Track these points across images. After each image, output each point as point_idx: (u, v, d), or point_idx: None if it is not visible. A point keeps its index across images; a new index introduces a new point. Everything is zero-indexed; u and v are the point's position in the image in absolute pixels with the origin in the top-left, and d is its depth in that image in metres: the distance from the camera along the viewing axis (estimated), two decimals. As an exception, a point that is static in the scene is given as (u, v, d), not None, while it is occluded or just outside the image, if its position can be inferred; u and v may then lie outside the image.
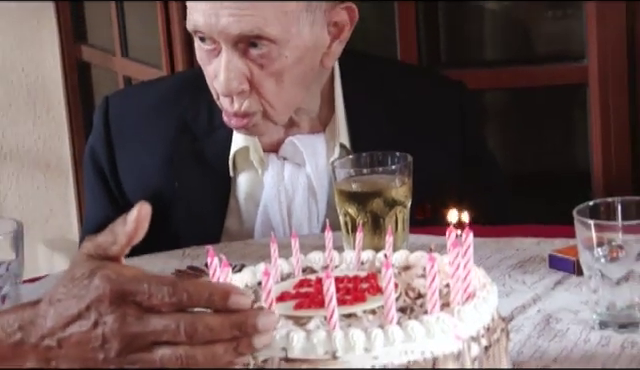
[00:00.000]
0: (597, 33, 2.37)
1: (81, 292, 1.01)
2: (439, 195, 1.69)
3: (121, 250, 1.07)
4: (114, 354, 1.00)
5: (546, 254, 1.53)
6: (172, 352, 1.00)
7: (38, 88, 3.14)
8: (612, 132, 2.33)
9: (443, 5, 2.68)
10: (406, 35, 2.52)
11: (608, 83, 2.36)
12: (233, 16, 1.68)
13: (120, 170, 1.91)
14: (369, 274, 1.17)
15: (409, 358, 1.04)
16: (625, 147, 2.36)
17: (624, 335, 1.30)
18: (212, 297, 1.00)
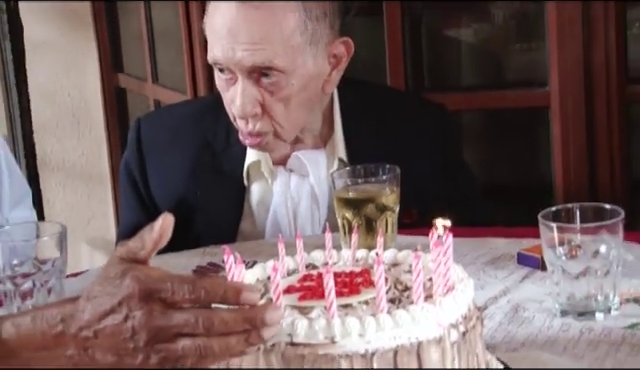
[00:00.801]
0: (558, 63, 2.37)
1: (114, 290, 1.03)
2: (423, 202, 1.69)
3: (148, 254, 1.08)
4: (142, 344, 1.01)
5: (515, 252, 1.53)
6: (192, 342, 1.01)
7: (81, 110, 3.14)
8: (571, 148, 2.33)
9: (426, 38, 2.68)
10: (394, 63, 2.52)
11: (567, 106, 2.36)
12: (247, 50, 1.69)
13: (150, 181, 1.91)
14: (363, 270, 1.17)
15: (397, 342, 1.03)
16: (582, 161, 2.36)
17: (582, 322, 1.30)
18: (226, 294, 1.02)
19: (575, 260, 1.30)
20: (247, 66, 1.70)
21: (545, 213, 1.32)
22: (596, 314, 1.30)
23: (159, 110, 2.68)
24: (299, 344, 1.03)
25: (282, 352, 1.04)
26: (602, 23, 2.33)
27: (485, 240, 1.61)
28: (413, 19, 2.60)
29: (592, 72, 2.34)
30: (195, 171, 1.88)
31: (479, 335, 1.11)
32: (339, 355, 1.03)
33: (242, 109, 1.72)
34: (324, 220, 1.80)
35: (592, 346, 1.23)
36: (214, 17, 1.74)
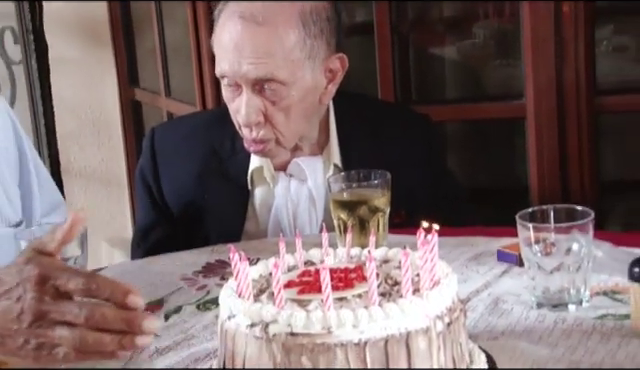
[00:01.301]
0: (533, 78, 2.37)
1: (17, 273, 1.04)
2: (411, 204, 1.69)
3: (56, 247, 1.08)
4: (25, 326, 1.02)
5: (495, 250, 1.52)
6: (69, 332, 1.02)
7: (101, 121, 3.13)
8: (544, 155, 2.33)
9: (413, 55, 2.68)
10: (384, 78, 2.52)
11: (541, 117, 2.36)
12: (251, 64, 1.69)
13: (163, 185, 1.91)
14: (357, 266, 1.16)
15: (388, 332, 1.03)
16: (555, 166, 2.36)
17: (556, 313, 1.30)
18: (114, 292, 1.03)
19: (549, 257, 1.29)
20: (252, 78, 1.71)
21: (522, 214, 1.32)
22: (569, 306, 1.30)
23: (171, 121, 2.68)
24: (298, 334, 1.03)
25: (282, 342, 1.03)
26: (573, 42, 2.33)
27: (467, 239, 1.61)
28: (401, 38, 2.59)
29: (564, 86, 2.34)
30: (203, 176, 1.88)
31: (462, 325, 1.11)
32: (335, 344, 1.02)
33: (247, 118, 1.73)
34: (321, 221, 1.79)
35: (565, 335, 1.23)
36: (222, 34, 1.74)
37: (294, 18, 1.71)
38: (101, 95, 3.08)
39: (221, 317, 1.11)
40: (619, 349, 1.18)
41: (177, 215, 1.89)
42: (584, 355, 1.17)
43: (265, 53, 1.70)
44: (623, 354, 1.17)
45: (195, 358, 1.26)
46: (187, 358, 1.26)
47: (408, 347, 1.04)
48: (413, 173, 1.81)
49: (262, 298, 1.11)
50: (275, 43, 1.70)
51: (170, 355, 1.28)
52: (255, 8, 1.71)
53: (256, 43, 1.70)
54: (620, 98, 2.45)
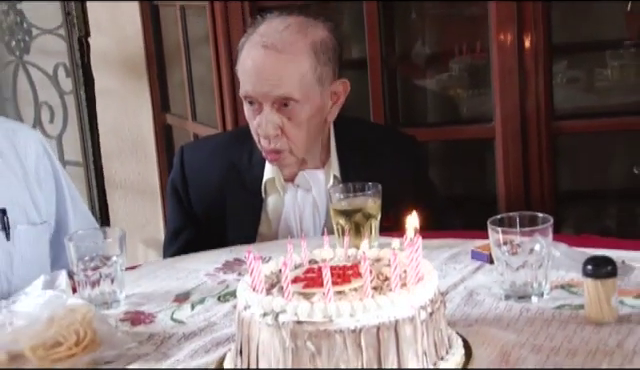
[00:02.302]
0: (500, 105, 2.37)
1: None
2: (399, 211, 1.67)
3: None
4: None
5: (469, 250, 1.52)
6: None
7: (138, 142, 3.13)
8: (510, 169, 2.33)
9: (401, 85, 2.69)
10: (376, 103, 2.52)
11: (508, 138, 2.37)
12: (272, 85, 1.71)
13: (190, 194, 1.91)
14: (353, 264, 1.15)
15: (379, 321, 1.03)
16: (519, 179, 2.36)
17: (521, 304, 1.29)
18: None
19: (516, 256, 1.29)
20: (271, 97, 1.72)
21: (492, 220, 1.31)
22: (532, 298, 1.29)
23: (197, 140, 2.68)
24: (303, 322, 1.03)
25: (290, 329, 1.03)
26: (534, 75, 2.34)
27: (446, 241, 1.60)
28: (390, 71, 2.59)
29: (526, 112, 2.34)
30: (224, 186, 1.87)
31: (442, 314, 1.10)
32: (334, 331, 1.02)
33: (266, 131, 1.74)
34: (323, 225, 1.79)
35: (529, 322, 1.22)
36: (246, 61, 1.76)
37: (307, 48, 1.73)
38: (138, 119, 3.07)
39: (238, 307, 1.11)
40: (575, 335, 1.17)
41: (202, 220, 1.88)
42: (545, 340, 1.17)
43: (283, 76, 1.71)
44: (578, 339, 1.16)
45: (216, 342, 1.25)
46: (209, 342, 1.25)
47: (397, 333, 1.03)
48: (401, 185, 1.80)
49: (273, 291, 1.11)
50: (292, 68, 1.71)
51: (195, 339, 1.27)
52: (275, 39, 1.73)
53: (276, 68, 1.72)
54: (574, 122, 2.46)
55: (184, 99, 2.94)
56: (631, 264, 1.35)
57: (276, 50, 1.72)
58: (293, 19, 1.79)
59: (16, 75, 3.14)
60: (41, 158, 1.71)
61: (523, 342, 1.16)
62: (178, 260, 1.65)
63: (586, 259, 1.22)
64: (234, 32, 2.47)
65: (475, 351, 1.13)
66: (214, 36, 2.60)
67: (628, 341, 1.14)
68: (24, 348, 1.22)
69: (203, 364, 1.18)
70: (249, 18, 2.38)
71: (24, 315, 1.31)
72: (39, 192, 1.68)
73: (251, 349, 1.08)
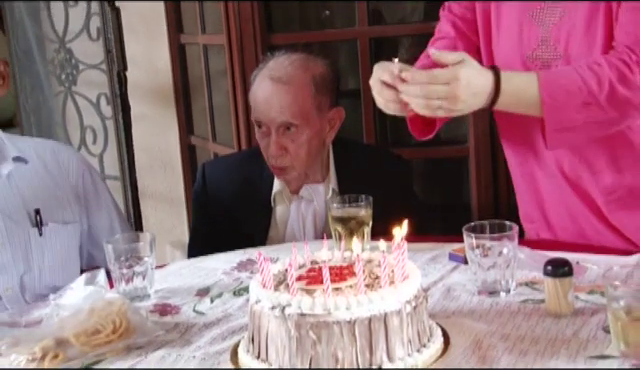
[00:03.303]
0: (473, 128, 2.37)
1: None
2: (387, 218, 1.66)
3: None
4: None
5: (447, 252, 1.50)
6: None
7: (167, 159, 3.12)
8: (482, 183, 2.31)
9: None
10: (368, 127, 2.52)
11: (479, 156, 2.36)
12: (277, 113, 1.72)
13: (211, 204, 1.90)
14: (348, 265, 1.15)
15: (371, 313, 1.02)
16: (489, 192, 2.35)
17: (492, 298, 1.28)
18: None
19: (486, 258, 1.28)
20: (278, 122, 1.72)
21: (467, 227, 1.30)
22: (501, 293, 1.28)
23: (217, 158, 2.67)
24: (306, 314, 1.02)
25: (295, 320, 1.02)
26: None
27: (427, 244, 1.58)
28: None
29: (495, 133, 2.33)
30: (239, 197, 1.86)
31: (424, 308, 1.10)
32: (332, 322, 1.01)
33: (273, 151, 1.74)
34: (323, 231, 1.78)
35: (498, 314, 1.21)
36: (257, 91, 1.76)
37: (308, 81, 1.74)
38: (167, 140, 3.07)
39: (251, 301, 1.10)
40: (537, 325, 1.16)
41: (220, 226, 1.87)
42: (512, 329, 1.15)
43: (288, 105, 1.71)
44: (540, 329, 1.15)
45: (232, 330, 1.24)
46: (226, 331, 1.24)
47: (386, 324, 1.03)
48: (389, 196, 1.78)
49: (280, 288, 1.10)
50: (295, 98, 1.72)
51: (214, 328, 1.25)
52: (281, 73, 1.74)
53: (281, 98, 1.72)
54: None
55: (205, 123, 2.94)
56: (584, 265, 1.34)
57: (282, 82, 1.72)
58: (297, 56, 1.79)
59: (65, 103, 3.14)
60: (81, 172, 1.72)
61: (493, 331, 1.15)
62: (199, 260, 1.64)
63: (546, 261, 1.21)
64: (248, 66, 2.47)
65: (452, 339, 1.12)
66: (231, 70, 2.60)
67: (583, 331, 1.13)
68: (69, 335, 1.21)
69: (220, 349, 1.17)
70: (260, 55, 2.38)
71: (69, 307, 1.30)
72: (73, 199, 1.68)
73: (261, 337, 1.07)
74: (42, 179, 1.64)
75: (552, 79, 1.29)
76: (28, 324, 1.29)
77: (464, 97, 1.21)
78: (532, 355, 1.07)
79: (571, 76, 1.28)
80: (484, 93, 1.25)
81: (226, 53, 2.60)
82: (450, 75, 1.20)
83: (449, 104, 1.20)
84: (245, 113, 2.52)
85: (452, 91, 1.20)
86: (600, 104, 1.26)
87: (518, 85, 1.29)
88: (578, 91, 1.26)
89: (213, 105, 2.90)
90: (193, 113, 3.06)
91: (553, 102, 1.26)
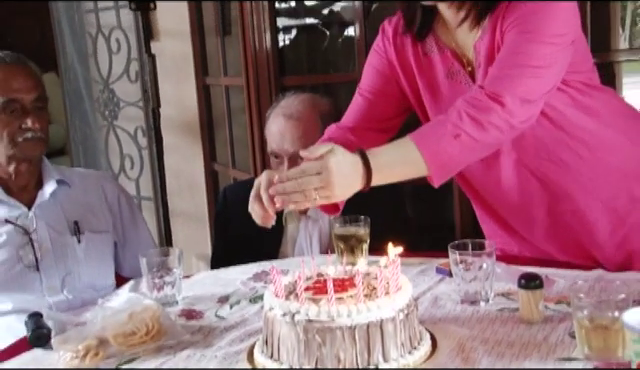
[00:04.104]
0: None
1: None
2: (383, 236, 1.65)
3: None
4: None
5: (434, 266, 1.48)
6: None
7: (193, 183, 3.12)
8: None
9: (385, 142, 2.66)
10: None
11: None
12: (289, 145, 1.71)
13: (231, 223, 1.89)
14: (349, 277, 1.14)
15: (369, 320, 1.01)
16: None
17: (473, 307, 1.26)
18: None
19: (468, 272, 1.26)
20: (290, 153, 1.71)
21: (452, 244, 1.29)
22: (481, 302, 1.26)
23: (236, 183, 2.67)
24: (313, 320, 1.01)
25: (303, 325, 1.01)
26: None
27: (417, 259, 1.56)
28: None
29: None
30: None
31: (415, 315, 1.08)
32: (335, 327, 1.00)
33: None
34: (327, 247, 1.76)
35: (479, 321, 1.20)
36: (272, 126, 1.76)
37: (315, 117, 1.73)
38: (193, 167, 3.07)
39: (265, 308, 1.09)
40: (512, 330, 1.15)
41: (238, 242, 1.86)
42: (491, 334, 1.14)
43: (298, 138, 1.71)
44: (515, 334, 1.14)
45: (249, 333, 1.22)
46: (243, 333, 1.23)
47: (382, 329, 1.02)
48: (385, 216, 1.77)
49: (290, 297, 1.08)
50: (305, 131, 1.71)
51: (233, 331, 1.24)
52: (292, 110, 1.73)
53: (293, 132, 1.71)
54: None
55: (226, 152, 2.94)
56: (553, 278, 1.33)
57: (293, 119, 1.72)
58: (305, 95, 1.79)
59: (108, 135, 3.16)
60: (117, 195, 1.75)
61: (475, 336, 1.13)
62: (220, 271, 1.63)
63: (520, 275, 1.20)
64: (263, 104, 2.47)
65: (439, 342, 1.11)
66: (249, 107, 2.60)
67: (552, 336, 1.12)
68: (108, 336, 1.20)
69: (239, 350, 1.16)
70: (274, 95, 2.39)
71: (111, 310, 1.29)
72: (107, 213, 1.70)
73: (274, 340, 1.06)
74: (81, 198, 1.67)
75: (420, 133, 1.20)
76: (77, 324, 1.29)
77: (337, 182, 1.12)
78: (508, 357, 1.06)
79: (434, 122, 1.22)
80: (356, 174, 1.15)
81: (245, 93, 2.61)
82: (319, 165, 1.12)
83: (325, 191, 1.12)
84: (260, 144, 2.52)
85: (325, 179, 1.11)
86: (466, 132, 1.17)
87: (388, 155, 1.20)
88: (444, 128, 1.18)
89: (233, 137, 2.91)
90: (216, 143, 3.07)
91: (430, 151, 1.18)
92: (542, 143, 1.33)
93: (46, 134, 1.56)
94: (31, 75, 1.56)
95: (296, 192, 1.12)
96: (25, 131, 1.51)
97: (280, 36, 2.61)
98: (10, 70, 1.53)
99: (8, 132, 1.51)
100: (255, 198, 1.24)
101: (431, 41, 1.37)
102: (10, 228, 1.54)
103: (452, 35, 1.34)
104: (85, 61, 3.23)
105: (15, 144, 1.52)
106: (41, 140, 1.55)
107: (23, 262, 1.53)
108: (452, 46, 1.35)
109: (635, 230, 1.36)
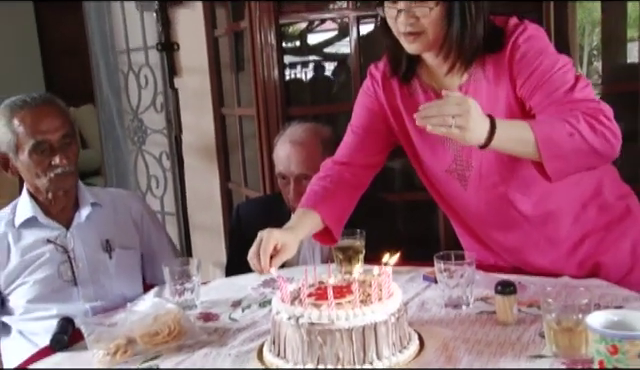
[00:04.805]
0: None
1: None
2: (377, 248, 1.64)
3: None
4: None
5: (421, 274, 1.48)
6: None
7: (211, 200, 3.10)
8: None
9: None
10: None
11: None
12: (295, 167, 1.69)
13: (243, 236, 1.86)
14: (347, 285, 1.13)
15: (364, 323, 1.01)
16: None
17: (456, 310, 1.25)
18: None
19: (451, 279, 1.26)
20: (296, 174, 1.70)
21: (437, 255, 1.29)
22: (462, 306, 1.26)
23: (248, 200, 2.66)
24: (315, 323, 1.01)
25: (306, 328, 1.01)
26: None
27: (406, 268, 1.54)
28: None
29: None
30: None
31: (405, 318, 1.08)
32: (335, 329, 1.00)
33: (293, 196, 1.70)
34: (328, 257, 1.75)
35: (461, 323, 1.19)
36: (280, 151, 1.75)
37: (317, 142, 1.72)
38: (210, 186, 3.07)
39: (272, 312, 1.09)
40: (490, 331, 1.15)
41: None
42: (471, 334, 1.14)
43: (303, 161, 1.70)
44: (492, 334, 1.13)
45: (258, 334, 1.22)
46: (254, 334, 1.22)
47: (375, 331, 1.02)
48: (378, 230, 1.77)
49: (295, 303, 1.08)
50: (309, 155, 1.70)
51: (244, 332, 1.24)
52: (297, 137, 1.72)
53: (298, 156, 1.70)
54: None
55: (239, 172, 2.94)
56: (525, 285, 1.33)
57: (298, 144, 1.71)
58: (308, 124, 1.79)
59: (136, 158, 3.17)
60: (141, 212, 1.74)
61: (457, 336, 1.13)
62: (234, 279, 1.63)
63: (496, 282, 1.20)
64: (272, 131, 2.47)
65: (426, 342, 1.11)
66: (259, 134, 2.61)
67: (524, 336, 1.11)
68: (136, 335, 1.20)
69: (249, 349, 1.16)
70: (281, 123, 2.40)
71: (138, 313, 1.30)
72: (134, 231, 1.70)
73: (281, 340, 1.06)
74: (111, 217, 1.66)
75: (539, 122, 1.16)
76: (109, 325, 1.29)
77: (473, 115, 1.06)
78: (486, 355, 1.06)
79: (551, 119, 1.16)
80: (485, 123, 1.08)
81: (255, 121, 2.61)
82: (460, 97, 1.07)
83: (461, 120, 1.05)
84: (269, 166, 2.52)
85: (464, 108, 1.05)
86: (581, 133, 1.12)
87: (509, 127, 1.12)
88: (560, 125, 1.13)
89: (245, 160, 2.91)
90: (230, 165, 3.07)
91: (544, 135, 1.12)
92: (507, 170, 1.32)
93: (74, 166, 1.55)
94: (58, 114, 1.52)
95: (436, 116, 1.06)
96: (55, 167, 1.50)
97: (286, 71, 2.63)
98: (38, 113, 1.50)
99: (41, 169, 1.51)
100: (255, 254, 1.25)
101: (415, 83, 1.37)
102: (51, 247, 1.54)
103: (433, 76, 1.35)
104: (118, 95, 3.26)
105: (48, 179, 1.52)
106: (70, 173, 1.53)
107: (63, 278, 1.53)
108: (433, 86, 1.35)
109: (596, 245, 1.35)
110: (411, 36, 1.24)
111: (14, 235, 1.56)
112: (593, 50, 2.45)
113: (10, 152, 1.52)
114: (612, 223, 1.35)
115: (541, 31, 1.26)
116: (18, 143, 1.50)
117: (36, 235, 1.55)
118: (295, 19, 2.58)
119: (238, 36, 2.76)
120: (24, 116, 1.50)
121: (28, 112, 1.50)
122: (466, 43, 1.24)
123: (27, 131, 1.49)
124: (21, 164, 1.52)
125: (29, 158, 1.50)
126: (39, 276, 1.52)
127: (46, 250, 1.54)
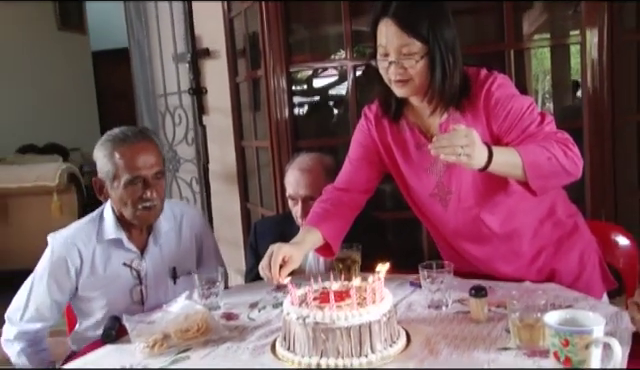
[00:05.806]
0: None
1: None
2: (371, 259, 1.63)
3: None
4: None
5: (409, 281, 1.47)
6: None
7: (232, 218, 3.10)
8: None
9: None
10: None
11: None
12: (303, 190, 1.68)
13: (259, 249, 1.86)
14: (346, 290, 1.14)
15: (360, 322, 1.01)
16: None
17: (437, 310, 1.25)
18: None
19: (433, 284, 1.26)
20: (303, 196, 1.68)
21: (422, 264, 1.29)
22: (443, 307, 1.26)
23: (264, 218, 2.65)
24: (319, 323, 1.02)
25: (312, 326, 1.02)
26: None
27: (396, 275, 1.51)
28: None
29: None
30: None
31: (394, 318, 1.09)
32: (336, 328, 1.01)
33: (302, 214, 1.69)
34: (330, 267, 1.74)
35: (441, 321, 1.19)
36: (290, 176, 1.73)
37: (322, 169, 1.71)
38: (232, 206, 3.08)
39: (284, 313, 1.10)
40: (465, 328, 1.15)
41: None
42: (450, 331, 1.14)
43: (309, 185, 1.68)
44: (467, 331, 1.14)
45: (272, 331, 1.22)
46: (268, 331, 1.22)
47: (370, 329, 1.02)
48: (372, 244, 1.76)
49: (302, 305, 1.09)
50: (315, 179, 1.69)
51: (260, 329, 1.24)
52: (304, 165, 1.71)
53: (305, 181, 1.69)
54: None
55: (257, 195, 2.95)
56: (494, 289, 1.33)
57: (305, 171, 1.71)
58: (314, 154, 1.79)
59: (171, 183, 3.20)
60: (201, 227, 1.69)
61: (438, 332, 1.13)
62: (252, 284, 1.63)
63: (471, 287, 1.20)
64: (283, 160, 2.49)
65: (412, 338, 1.11)
66: (273, 162, 2.62)
67: (493, 332, 1.12)
68: (170, 331, 1.21)
69: (265, 343, 1.16)
70: (291, 153, 2.42)
71: (172, 313, 1.31)
72: (194, 249, 1.64)
73: (290, 337, 1.06)
74: (177, 240, 1.58)
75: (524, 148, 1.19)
76: (149, 322, 1.30)
77: (477, 144, 1.10)
78: (462, 348, 1.06)
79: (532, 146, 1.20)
80: (485, 151, 1.13)
81: (269, 152, 2.63)
82: (467, 130, 1.10)
83: (468, 149, 1.08)
84: (281, 189, 2.52)
85: (470, 139, 1.09)
86: (557, 157, 1.16)
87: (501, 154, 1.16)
88: (540, 151, 1.18)
89: (261, 184, 2.92)
90: (249, 188, 3.08)
91: (529, 160, 1.15)
92: (480, 195, 1.33)
93: (162, 199, 1.48)
94: (154, 152, 1.44)
95: (447, 147, 1.10)
96: (145, 200, 1.44)
97: (295, 110, 2.66)
98: (138, 149, 1.41)
99: (132, 201, 1.44)
100: (266, 267, 1.25)
101: (403, 122, 1.39)
102: (127, 270, 1.49)
103: (418, 116, 1.37)
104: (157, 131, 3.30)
105: (136, 210, 1.45)
106: (156, 207, 1.46)
107: (133, 299, 1.49)
108: (419, 124, 1.37)
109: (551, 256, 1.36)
110: (400, 83, 1.27)
111: (103, 249, 1.47)
112: (545, 94, 2.49)
113: (107, 180, 1.45)
114: (563, 237, 1.37)
115: (507, 79, 1.30)
116: (116, 174, 1.42)
117: (118, 256, 1.49)
118: (303, 67, 2.62)
119: (256, 82, 2.81)
120: (125, 151, 1.41)
121: (128, 148, 1.42)
122: (446, 89, 1.27)
123: (126, 165, 1.41)
124: (114, 192, 1.44)
125: (124, 189, 1.42)
126: (112, 296, 1.47)
127: (123, 272, 1.49)
